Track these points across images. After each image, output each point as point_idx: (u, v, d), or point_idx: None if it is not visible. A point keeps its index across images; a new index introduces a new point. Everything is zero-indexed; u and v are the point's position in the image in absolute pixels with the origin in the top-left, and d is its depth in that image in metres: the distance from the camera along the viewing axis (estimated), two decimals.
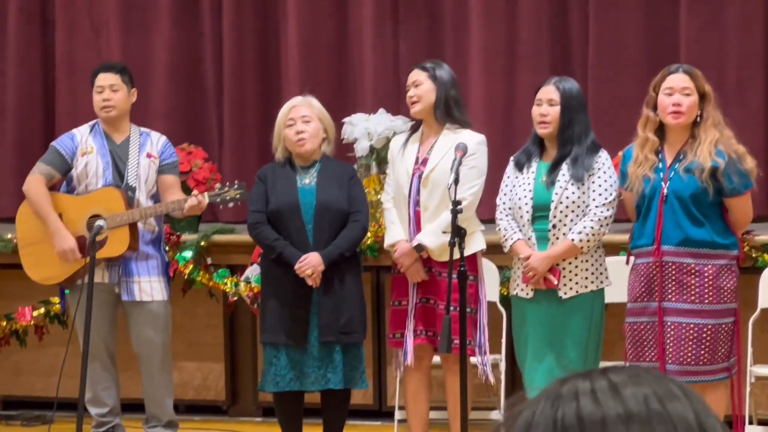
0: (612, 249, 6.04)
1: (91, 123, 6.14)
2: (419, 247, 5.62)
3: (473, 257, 5.65)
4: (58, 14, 7.84)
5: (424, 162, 5.70)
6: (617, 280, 5.55)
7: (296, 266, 5.63)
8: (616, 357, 5.89)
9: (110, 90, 6.04)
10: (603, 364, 5.76)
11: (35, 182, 6.03)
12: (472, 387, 5.65)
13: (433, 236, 5.59)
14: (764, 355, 6.09)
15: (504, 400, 6.15)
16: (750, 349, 5.94)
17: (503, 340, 6.18)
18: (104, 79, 6.08)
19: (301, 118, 5.75)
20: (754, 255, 6.13)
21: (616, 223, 6.26)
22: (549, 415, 1.33)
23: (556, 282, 5.39)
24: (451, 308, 5.24)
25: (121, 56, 7.64)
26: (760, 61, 7.02)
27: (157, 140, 6.11)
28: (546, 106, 5.46)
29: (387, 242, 5.79)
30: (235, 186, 5.94)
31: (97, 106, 6.06)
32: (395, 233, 5.72)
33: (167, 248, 6.34)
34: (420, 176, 5.68)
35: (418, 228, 5.67)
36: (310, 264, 5.63)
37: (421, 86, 5.70)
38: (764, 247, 6.16)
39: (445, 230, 5.44)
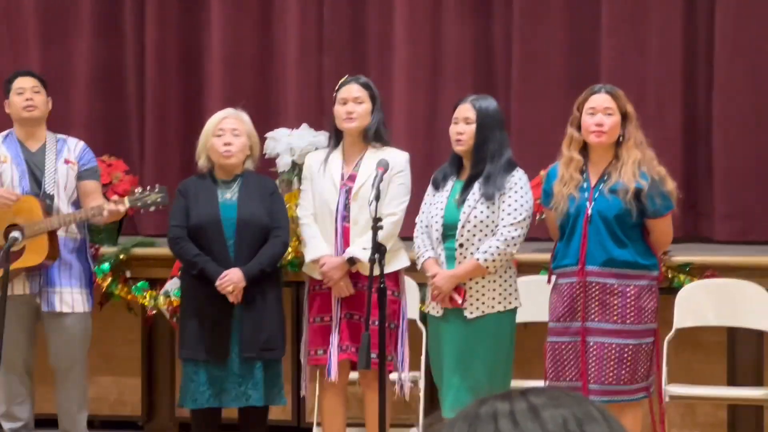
0: (533, 268, 6.06)
1: (4, 132, 6.04)
2: (351, 261, 5.59)
3: (396, 273, 5.64)
4: None
5: (352, 178, 5.67)
6: (539, 299, 5.56)
7: (217, 282, 5.59)
8: (534, 376, 5.91)
9: (32, 91, 5.98)
10: (521, 383, 5.77)
11: None
12: (391, 404, 5.64)
13: (366, 250, 5.57)
14: (678, 374, 6.15)
15: (422, 417, 6.14)
16: (665, 369, 5.99)
17: (422, 357, 6.17)
18: (24, 81, 6.02)
19: (231, 131, 5.73)
20: (670, 275, 6.20)
21: (538, 242, 6.29)
22: None
23: (460, 301, 5.36)
24: (371, 323, 5.22)
25: (39, 64, 7.52)
26: (677, 85, 7.11)
27: (74, 146, 6.03)
28: (462, 124, 5.46)
29: (310, 257, 5.74)
30: (156, 190, 5.89)
31: (17, 107, 5.96)
32: (319, 248, 5.69)
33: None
34: (347, 191, 5.66)
35: (345, 242, 5.65)
36: (231, 280, 5.59)
37: (362, 105, 5.67)
38: (680, 268, 6.23)
39: (365, 246, 5.42)
